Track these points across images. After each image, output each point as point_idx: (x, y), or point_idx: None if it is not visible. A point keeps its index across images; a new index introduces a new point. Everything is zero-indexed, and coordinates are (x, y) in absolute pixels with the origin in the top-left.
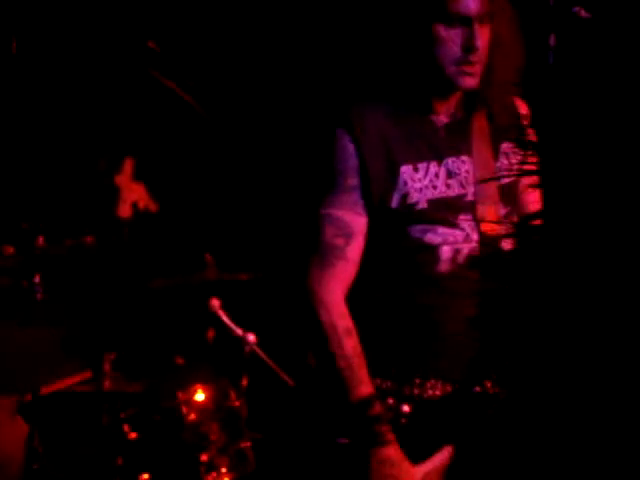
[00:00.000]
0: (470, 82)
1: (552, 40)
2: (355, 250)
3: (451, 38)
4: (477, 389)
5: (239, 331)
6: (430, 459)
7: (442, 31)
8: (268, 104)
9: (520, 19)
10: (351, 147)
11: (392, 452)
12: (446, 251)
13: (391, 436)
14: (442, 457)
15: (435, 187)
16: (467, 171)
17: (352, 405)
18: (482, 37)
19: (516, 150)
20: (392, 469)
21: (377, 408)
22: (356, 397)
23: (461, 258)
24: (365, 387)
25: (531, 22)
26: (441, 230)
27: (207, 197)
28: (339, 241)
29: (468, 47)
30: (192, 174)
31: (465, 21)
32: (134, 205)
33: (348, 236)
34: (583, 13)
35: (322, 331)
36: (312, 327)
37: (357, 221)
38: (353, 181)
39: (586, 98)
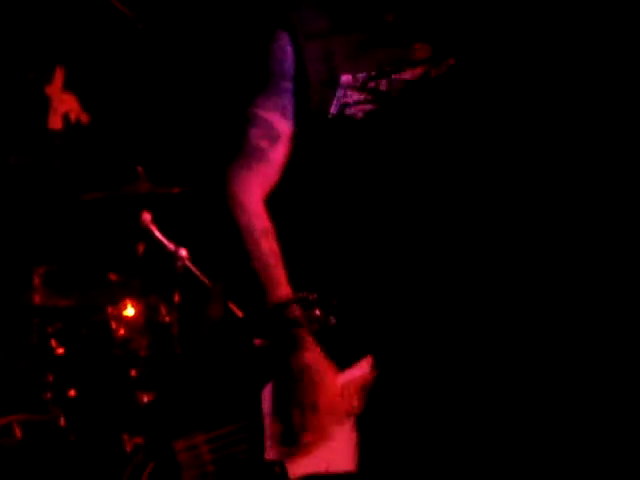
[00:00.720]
0: None
1: None
2: (279, 154)
3: None
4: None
5: (171, 246)
6: (350, 369)
7: None
8: (203, 6)
9: None
10: (290, 49)
11: (311, 357)
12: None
13: (309, 340)
14: (362, 369)
15: (374, 99)
16: (408, 81)
17: (269, 307)
18: None
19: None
20: (310, 375)
21: (295, 311)
22: (273, 299)
23: (396, 171)
24: (282, 289)
25: None
26: (378, 143)
27: (140, 108)
28: (263, 143)
29: None
30: (124, 84)
31: None
32: (65, 116)
33: (273, 139)
34: None
35: (239, 232)
36: (230, 228)
37: (285, 125)
38: (287, 84)
39: None
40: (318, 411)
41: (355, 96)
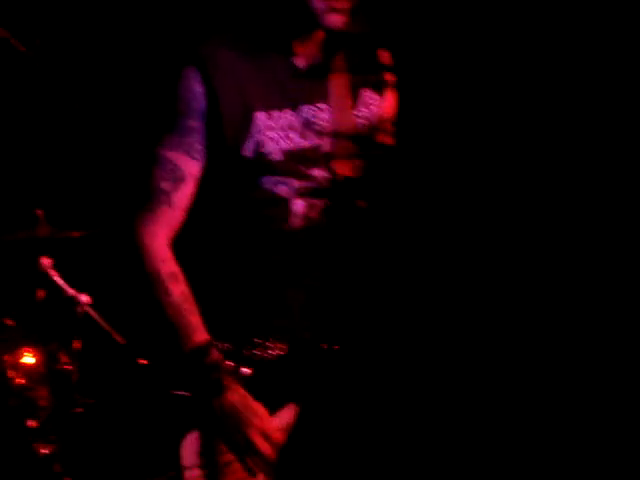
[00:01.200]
0: (337, 20)
1: None
2: (183, 196)
3: None
4: (322, 346)
5: (71, 291)
6: (276, 416)
7: None
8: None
9: None
10: (199, 88)
11: (235, 396)
12: (298, 205)
13: (231, 381)
14: (287, 415)
15: (289, 137)
16: (324, 120)
17: (187, 354)
18: None
19: (375, 97)
20: (240, 413)
21: (214, 354)
22: (190, 345)
23: (314, 212)
24: (199, 334)
25: None
26: (294, 183)
27: (37, 148)
28: (166, 185)
29: None
30: (20, 123)
31: None
32: None
33: (177, 180)
34: None
35: (147, 278)
36: (138, 275)
37: (190, 165)
38: (194, 123)
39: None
40: (253, 448)
41: (270, 133)
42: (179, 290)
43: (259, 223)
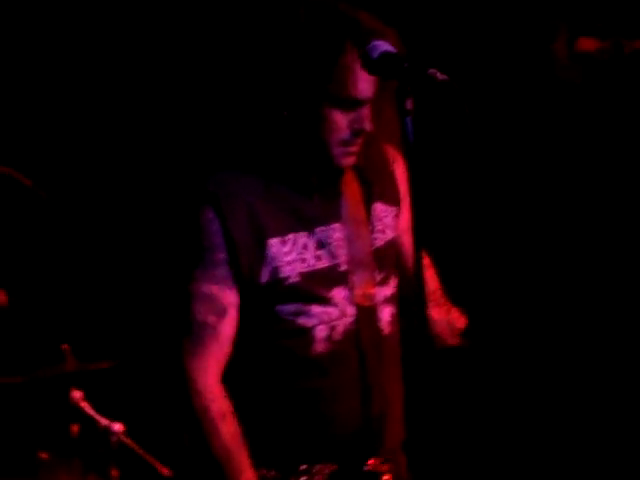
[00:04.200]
0: (351, 160)
1: (409, 104)
2: (228, 326)
3: (342, 121)
4: (366, 467)
5: (104, 421)
6: None
7: (334, 114)
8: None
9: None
10: (216, 222)
11: None
12: (321, 330)
13: None
14: None
15: (304, 260)
16: (338, 239)
17: None
18: (369, 118)
19: (388, 209)
20: None
21: None
22: None
23: (337, 335)
24: (246, 474)
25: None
26: (314, 309)
27: (58, 285)
28: (211, 319)
29: (358, 131)
30: (39, 260)
31: (356, 104)
32: None
33: (220, 312)
34: (439, 76)
35: (196, 417)
36: (187, 413)
37: (228, 295)
38: (221, 255)
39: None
40: None
41: (286, 257)
42: (228, 429)
43: (284, 352)
